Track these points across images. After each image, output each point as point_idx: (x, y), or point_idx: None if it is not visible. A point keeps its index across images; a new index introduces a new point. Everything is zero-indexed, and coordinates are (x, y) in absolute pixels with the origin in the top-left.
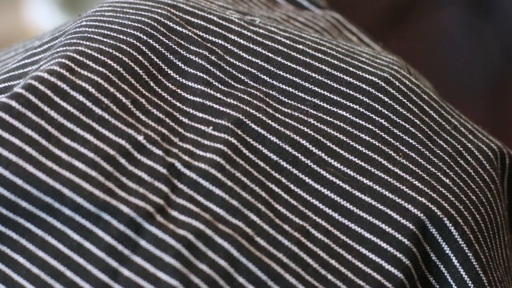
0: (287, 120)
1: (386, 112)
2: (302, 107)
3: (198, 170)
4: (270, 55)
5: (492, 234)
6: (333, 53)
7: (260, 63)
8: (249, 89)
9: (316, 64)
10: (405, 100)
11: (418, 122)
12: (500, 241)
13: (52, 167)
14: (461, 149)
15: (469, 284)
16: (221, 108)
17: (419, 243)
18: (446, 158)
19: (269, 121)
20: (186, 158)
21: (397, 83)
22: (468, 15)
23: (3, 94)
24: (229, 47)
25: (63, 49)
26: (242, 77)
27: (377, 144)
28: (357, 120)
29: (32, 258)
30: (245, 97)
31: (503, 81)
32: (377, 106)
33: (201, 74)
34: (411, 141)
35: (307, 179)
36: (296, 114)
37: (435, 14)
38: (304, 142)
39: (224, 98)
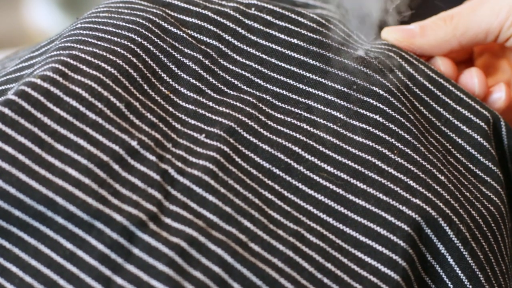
0: (279, 127)
1: (381, 106)
2: (296, 110)
3: (192, 176)
4: (264, 56)
5: (495, 227)
6: (328, 42)
7: (254, 65)
8: (242, 95)
9: (311, 61)
10: (399, 94)
11: (411, 117)
12: (502, 232)
13: (45, 175)
14: (450, 147)
15: (465, 282)
16: (213, 117)
17: (415, 244)
18: (439, 155)
19: (261, 130)
20: (179, 164)
21: (390, 76)
22: None
23: (0, 97)
24: (224, 49)
25: (57, 53)
26: (236, 82)
27: (370, 144)
28: (350, 120)
29: (25, 267)
30: (238, 104)
31: None
32: (371, 101)
33: (194, 81)
34: (406, 136)
35: (300, 185)
36: (289, 119)
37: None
38: (296, 148)
39: (216, 106)
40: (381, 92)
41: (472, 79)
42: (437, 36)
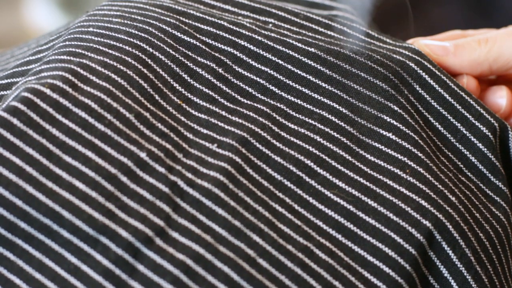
0: (292, 139)
1: (395, 123)
2: (310, 121)
3: (202, 189)
4: (280, 62)
5: (500, 249)
6: (345, 52)
7: (269, 71)
8: (255, 104)
9: (327, 72)
10: (413, 110)
11: (424, 135)
12: (507, 253)
13: (52, 188)
14: (462, 165)
15: None
16: (226, 126)
17: (418, 268)
18: (451, 174)
19: (274, 141)
20: (189, 175)
21: (406, 92)
22: (468, 15)
23: (6, 91)
24: (238, 54)
25: (67, 58)
26: (250, 90)
27: (382, 164)
28: (363, 138)
29: (29, 280)
30: (251, 114)
31: None
32: (385, 118)
33: (207, 91)
34: (419, 154)
35: (311, 200)
36: (303, 131)
37: (434, 14)
38: (308, 162)
39: (229, 116)
40: (396, 108)
41: (501, 98)
42: (470, 58)
